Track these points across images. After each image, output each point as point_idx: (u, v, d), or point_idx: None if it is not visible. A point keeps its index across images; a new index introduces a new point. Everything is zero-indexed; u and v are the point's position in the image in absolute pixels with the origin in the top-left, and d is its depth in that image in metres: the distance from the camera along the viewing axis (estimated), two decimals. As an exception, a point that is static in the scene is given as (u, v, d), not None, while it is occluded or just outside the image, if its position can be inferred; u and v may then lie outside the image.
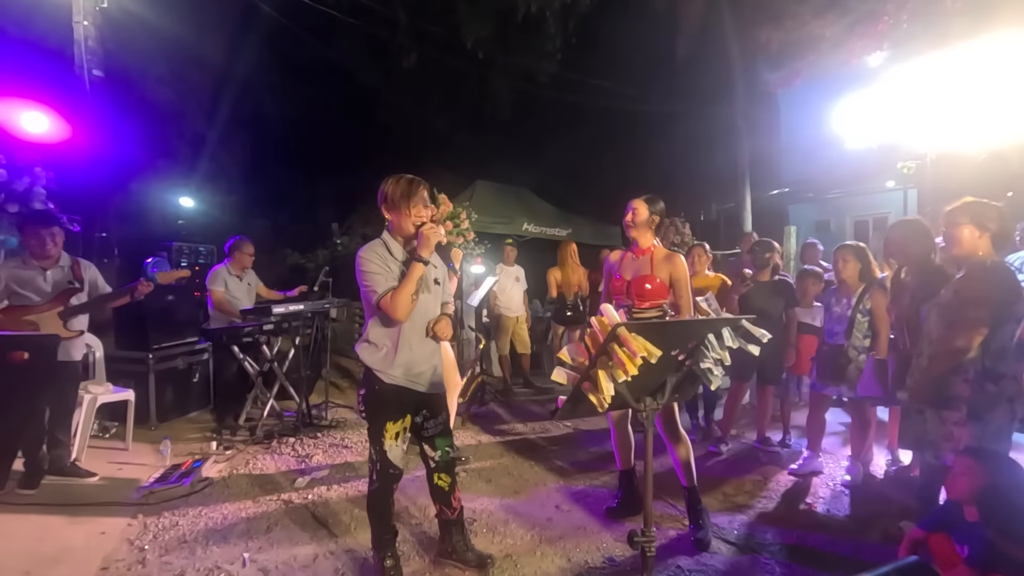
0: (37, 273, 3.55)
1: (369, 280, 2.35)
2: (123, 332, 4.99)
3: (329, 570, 2.65)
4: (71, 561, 2.71)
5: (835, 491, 3.61)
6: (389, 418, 2.40)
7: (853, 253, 3.74)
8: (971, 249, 2.49)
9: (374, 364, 2.40)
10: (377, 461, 2.42)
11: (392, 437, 2.41)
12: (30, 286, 3.51)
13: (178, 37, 7.88)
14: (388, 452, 2.40)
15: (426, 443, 2.57)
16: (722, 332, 1.62)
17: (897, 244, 3.08)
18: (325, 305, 5.25)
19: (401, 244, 2.43)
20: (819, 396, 3.87)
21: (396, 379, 2.40)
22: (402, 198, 2.37)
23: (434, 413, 2.54)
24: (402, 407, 2.44)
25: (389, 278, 2.34)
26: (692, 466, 2.98)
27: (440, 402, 2.58)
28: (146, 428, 4.68)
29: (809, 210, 12.70)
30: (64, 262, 3.68)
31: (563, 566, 2.70)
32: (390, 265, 2.37)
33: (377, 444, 2.41)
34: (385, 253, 2.39)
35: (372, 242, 2.43)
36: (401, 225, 2.40)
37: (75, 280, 3.68)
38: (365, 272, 2.35)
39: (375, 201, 2.47)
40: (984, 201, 2.53)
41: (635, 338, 1.45)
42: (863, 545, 2.90)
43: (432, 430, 2.55)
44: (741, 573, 2.67)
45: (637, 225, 3.06)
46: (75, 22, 5.46)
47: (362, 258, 2.37)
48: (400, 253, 2.41)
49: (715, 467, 4.05)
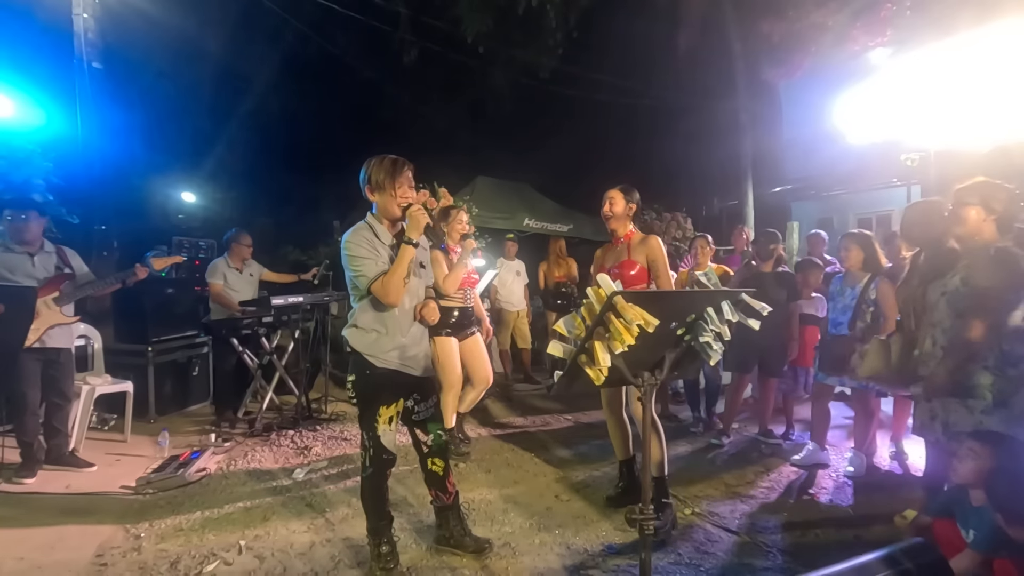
0: (24, 258, 3.53)
1: (358, 264, 2.31)
2: (122, 325, 4.99)
3: (325, 557, 2.63)
4: (66, 548, 2.69)
5: (838, 482, 3.57)
6: (382, 403, 2.37)
7: (857, 242, 3.70)
8: (975, 230, 2.45)
9: (365, 349, 2.36)
10: (370, 447, 2.39)
11: (385, 422, 2.38)
12: (20, 271, 3.50)
13: (179, 31, 7.88)
14: (382, 437, 2.37)
15: (418, 427, 2.54)
16: (721, 305, 1.59)
17: (913, 226, 3.01)
18: (325, 298, 5.23)
19: (387, 227, 2.39)
20: (821, 387, 3.82)
21: (390, 363, 2.37)
22: (387, 178, 2.33)
23: (424, 396, 2.52)
24: (396, 391, 2.41)
25: (379, 262, 2.31)
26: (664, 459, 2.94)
27: (430, 385, 2.56)
28: (145, 421, 4.67)
29: (812, 207, 12.63)
30: (49, 248, 3.67)
31: (561, 553, 2.67)
32: (378, 248, 2.33)
33: (370, 430, 2.38)
34: (372, 236, 2.35)
35: (357, 225, 2.38)
36: (387, 207, 2.36)
37: (65, 266, 3.67)
38: (353, 256, 2.31)
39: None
40: (996, 182, 2.49)
41: (632, 307, 1.42)
42: (866, 534, 2.86)
43: (423, 413, 2.52)
44: (741, 560, 2.63)
45: (615, 215, 3.10)
46: (75, 14, 5.46)
47: (349, 242, 2.32)
48: (387, 236, 2.38)
49: (717, 459, 4.01)
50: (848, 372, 3.55)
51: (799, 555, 2.66)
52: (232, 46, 9.42)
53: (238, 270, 5.11)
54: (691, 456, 4.05)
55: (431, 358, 2.57)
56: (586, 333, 1.53)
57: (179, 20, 7.51)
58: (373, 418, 2.37)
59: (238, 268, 5.11)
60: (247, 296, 5.02)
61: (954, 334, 2.45)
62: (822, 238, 5.90)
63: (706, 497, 3.32)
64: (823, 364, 3.76)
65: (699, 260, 4.74)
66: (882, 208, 11.12)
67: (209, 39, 8.94)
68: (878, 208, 11.29)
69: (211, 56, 9.37)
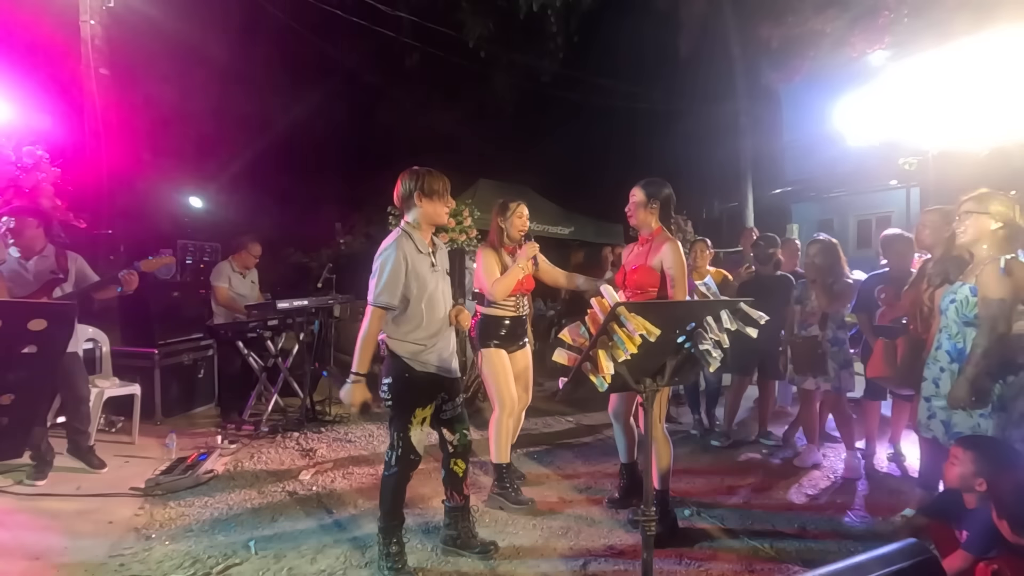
0: (18, 263, 3.59)
1: (382, 279, 2.43)
2: (129, 328, 5.05)
3: (334, 557, 2.68)
4: (79, 549, 2.74)
5: (835, 482, 3.63)
6: (419, 404, 2.47)
7: (820, 249, 3.82)
8: (981, 239, 2.51)
9: (405, 353, 2.46)
10: (399, 447, 2.46)
11: (419, 423, 2.47)
12: (17, 277, 3.55)
13: (184, 36, 7.94)
14: (412, 437, 2.45)
15: (445, 427, 2.62)
16: (720, 314, 1.64)
17: (925, 232, 3.13)
18: (329, 301, 5.28)
19: (424, 233, 2.54)
20: (803, 391, 3.91)
21: (429, 367, 2.48)
22: (444, 188, 2.52)
23: (452, 396, 2.61)
24: (432, 393, 2.52)
25: (398, 287, 2.44)
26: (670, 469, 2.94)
27: (458, 386, 2.65)
28: (152, 423, 4.72)
29: (812, 209, 12.70)
30: (48, 252, 3.71)
31: (565, 553, 2.72)
32: (416, 264, 2.47)
33: (402, 430, 2.45)
34: (412, 247, 2.48)
35: (395, 236, 2.50)
36: (435, 214, 2.53)
37: (59, 271, 3.70)
38: (382, 270, 2.44)
39: (378, 200, 2.56)
40: (1000, 194, 2.55)
41: (634, 317, 1.48)
42: (862, 534, 2.92)
43: (450, 412, 2.61)
44: (740, 560, 2.68)
45: (635, 212, 3.00)
46: (82, 21, 5.52)
47: (385, 255, 2.44)
48: (423, 244, 2.52)
49: (717, 460, 4.06)
50: (820, 373, 3.66)
51: (797, 555, 2.71)
52: (236, 50, 9.49)
53: (241, 274, 5.17)
54: (691, 457, 4.10)
55: (458, 360, 2.65)
56: (590, 342, 1.59)
57: (184, 26, 7.58)
58: (407, 419, 2.45)
59: (242, 272, 5.17)
60: (249, 300, 5.09)
61: (972, 347, 2.49)
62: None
63: (707, 498, 3.37)
64: (797, 366, 3.85)
65: (698, 264, 4.76)
66: (882, 209, 11.17)
67: (213, 44, 9.01)
68: (878, 210, 11.34)
69: (215, 61, 9.44)
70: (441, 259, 2.62)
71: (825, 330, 3.74)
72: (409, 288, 2.43)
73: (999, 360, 2.44)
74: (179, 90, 8.91)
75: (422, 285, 2.45)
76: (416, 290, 2.44)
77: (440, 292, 2.54)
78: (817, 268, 3.78)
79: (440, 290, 2.54)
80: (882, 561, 1.85)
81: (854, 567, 1.82)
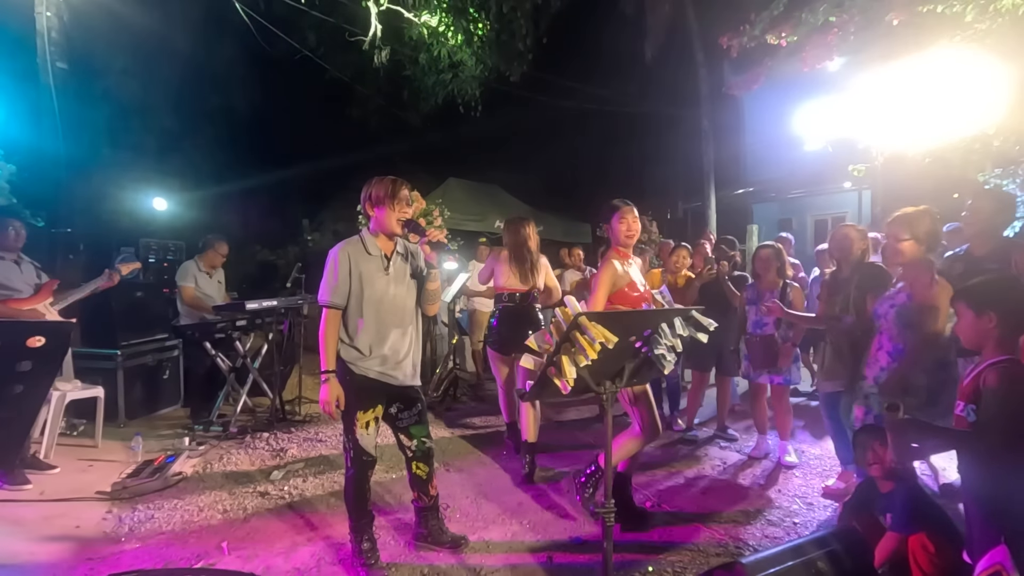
0: (12, 266, 3.54)
1: (326, 281, 2.52)
2: (90, 329, 4.93)
3: (307, 556, 2.74)
4: (47, 553, 2.73)
5: (784, 471, 3.87)
6: (359, 408, 2.51)
7: (772, 254, 4.09)
8: (909, 258, 2.78)
9: (347, 357, 2.51)
10: (351, 449, 2.53)
11: (363, 426, 2.52)
12: (18, 280, 3.53)
13: (144, 28, 7.72)
14: (360, 440, 2.51)
15: (402, 433, 2.68)
16: (674, 321, 1.79)
17: (837, 246, 3.44)
18: (298, 301, 5.28)
19: (382, 240, 2.59)
20: (755, 385, 4.16)
21: (368, 371, 2.52)
22: (387, 195, 2.53)
23: (408, 405, 2.66)
24: (373, 398, 2.55)
25: (341, 290, 2.51)
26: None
27: (414, 394, 2.68)
28: (115, 426, 4.65)
29: (772, 209, 13.19)
30: (25, 256, 3.69)
31: (533, 545, 2.85)
32: (360, 265, 2.54)
33: (350, 432, 2.52)
34: (358, 251, 2.54)
35: (348, 240, 2.59)
36: (385, 221, 2.54)
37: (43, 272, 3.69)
38: (329, 272, 2.53)
39: (346, 195, 2.63)
40: (925, 212, 2.79)
41: (594, 326, 1.61)
42: (804, 518, 3.14)
43: (407, 420, 2.66)
44: (697, 544, 2.85)
45: None
46: (37, 13, 5.33)
47: (331, 257, 2.53)
48: (377, 248, 2.57)
49: (677, 454, 4.26)
50: (774, 368, 3.96)
51: (747, 538, 2.91)
52: (199, 43, 9.26)
53: (208, 274, 5.11)
54: (653, 451, 4.28)
55: (417, 368, 2.70)
56: (554, 348, 1.71)
57: (145, 18, 7.37)
58: (352, 422, 2.51)
59: (208, 272, 5.12)
60: (216, 300, 5.04)
61: (904, 344, 2.77)
62: (789, 240, 6.17)
63: (666, 489, 3.56)
64: (753, 363, 4.10)
65: (678, 266, 4.85)
66: (837, 210, 11.74)
67: (175, 37, 8.78)
68: (833, 210, 11.90)
69: (178, 54, 9.20)
70: (403, 266, 2.62)
71: (778, 329, 4.00)
72: (352, 289, 2.50)
73: (931, 358, 2.69)
74: (140, 84, 8.66)
75: (367, 287, 2.51)
76: (358, 291, 2.50)
77: (393, 298, 2.55)
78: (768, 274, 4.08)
79: (393, 295, 2.56)
80: (818, 543, 2.06)
81: (793, 549, 2.02)
